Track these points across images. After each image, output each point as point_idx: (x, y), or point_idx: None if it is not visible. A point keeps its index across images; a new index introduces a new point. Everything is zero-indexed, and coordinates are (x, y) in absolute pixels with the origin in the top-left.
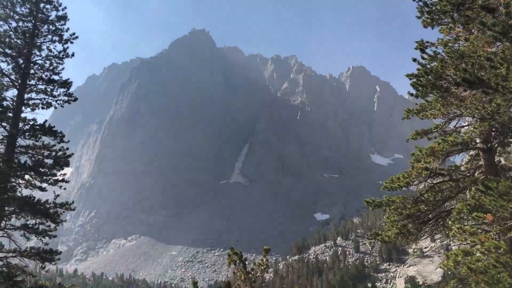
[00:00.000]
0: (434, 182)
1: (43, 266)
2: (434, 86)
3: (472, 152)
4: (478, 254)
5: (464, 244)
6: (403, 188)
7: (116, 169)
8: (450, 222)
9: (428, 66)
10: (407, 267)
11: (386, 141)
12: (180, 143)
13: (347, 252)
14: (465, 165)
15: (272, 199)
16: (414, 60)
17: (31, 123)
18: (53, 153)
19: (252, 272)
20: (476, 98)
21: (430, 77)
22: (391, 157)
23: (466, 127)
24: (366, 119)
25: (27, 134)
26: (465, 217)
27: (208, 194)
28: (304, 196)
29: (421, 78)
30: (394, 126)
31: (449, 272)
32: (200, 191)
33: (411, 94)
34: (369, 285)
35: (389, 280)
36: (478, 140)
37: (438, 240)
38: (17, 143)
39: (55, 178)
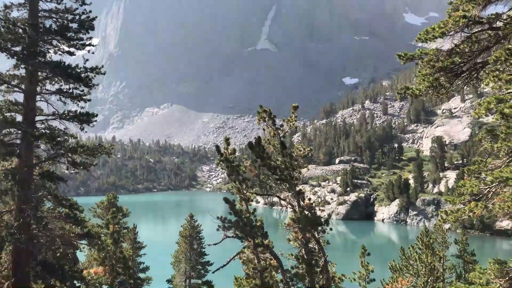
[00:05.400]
0: (472, 32)
1: (81, 127)
2: None
3: None
4: None
5: (499, 93)
6: (437, 41)
7: (142, 39)
8: (484, 74)
9: None
10: (435, 128)
11: None
12: (205, 10)
13: (375, 115)
14: (507, 13)
15: (301, 65)
16: None
17: None
18: (77, 17)
19: (281, 128)
20: None
21: None
22: (426, 15)
23: None
24: None
25: None
26: (501, 68)
27: (236, 62)
28: (333, 61)
29: None
30: None
31: (477, 132)
32: (227, 60)
33: None
34: (396, 145)
35: (415, 141)
36: None
37: (468, 101)
38: (39, 7)
39: (82, 42)
